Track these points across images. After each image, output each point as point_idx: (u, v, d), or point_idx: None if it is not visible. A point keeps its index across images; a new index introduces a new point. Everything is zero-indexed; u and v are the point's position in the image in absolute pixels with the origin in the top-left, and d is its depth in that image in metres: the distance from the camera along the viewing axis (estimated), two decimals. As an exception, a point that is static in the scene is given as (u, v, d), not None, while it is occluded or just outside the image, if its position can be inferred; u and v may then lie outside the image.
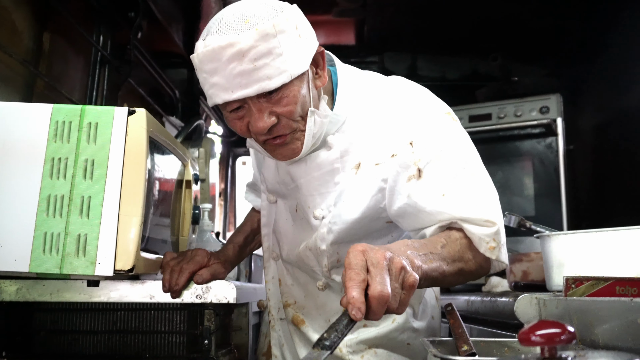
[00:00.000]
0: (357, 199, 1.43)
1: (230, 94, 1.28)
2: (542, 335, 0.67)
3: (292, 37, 1.29)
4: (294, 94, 1.31)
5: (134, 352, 1.54)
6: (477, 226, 1.32)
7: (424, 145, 1.37)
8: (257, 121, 1.31)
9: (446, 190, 1.34)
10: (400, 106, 1.42)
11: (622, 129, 2.82)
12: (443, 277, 1.24)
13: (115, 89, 2.63)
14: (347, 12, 2.99)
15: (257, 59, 1.25)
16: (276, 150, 1.40)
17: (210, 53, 1.28)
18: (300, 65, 1.31)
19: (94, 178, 1.37)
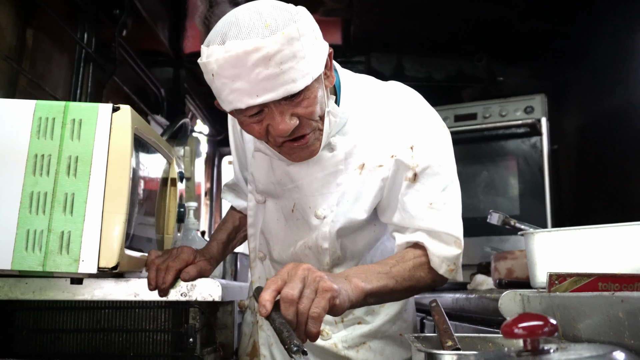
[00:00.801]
0: (362, 199, 1.50)
1: (255, 98, 1.27)
2: (524, 328, 0.68)
3: (311, 40, 1.31)
4: (314, 95, 1.34)
5: (118, 351, 1.53)
6: (444, 245, 1.44)
7: (423, 152, 1.46)
8: (279, 124, 1.31)
9: (434, 200, 1.45)
10: (402, 111, 1.50)
11: (605, 130, 2.85)
12: (391, 293, 1.36)
13: (99, 87, 2.61)
14: (334, 11, 2.99)
15: (282, 62, 1.25)
16: (294, 153, 1.42)
17: (233, 59, 1.26)
18: (319, 66, 1.33)
19: (77, 175, 1.36)
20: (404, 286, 1.38)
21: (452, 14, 2.99)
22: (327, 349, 1.60)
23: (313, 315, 1.10)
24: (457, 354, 0.90)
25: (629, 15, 2.63)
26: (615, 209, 2.70)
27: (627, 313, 0.77)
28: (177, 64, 3.56)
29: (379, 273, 1.33)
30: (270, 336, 1.67)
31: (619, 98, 2.71)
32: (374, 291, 1.28)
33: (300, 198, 1.55)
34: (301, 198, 1.55)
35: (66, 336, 1.53)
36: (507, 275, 1.76)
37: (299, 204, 1.56)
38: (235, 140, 1.76)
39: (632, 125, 2.56)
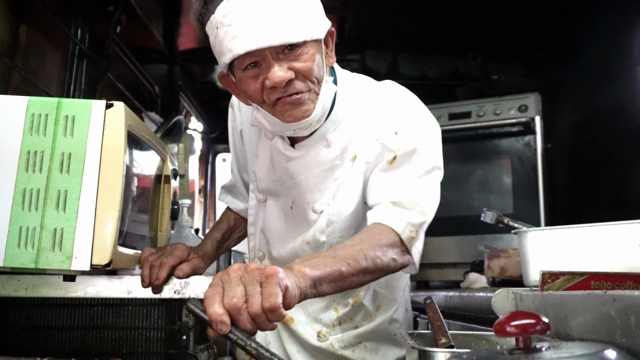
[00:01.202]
0: (352, 190, 1.52)
1: (254, 42, 1.30)
2: (517, 326, 0.68)
3: (314, 4, 1.40)
4: (312, 53, 1.37)
5: (110, 348, 1.52)
6: (408, 211, 1.41)
7: (407, 138, 1.47)
8: (276, 73, 1.33)
9: (405, 184, 1.45)
10: (391, 102, 1.53)
11: (598, 129, 2.86)
12: (347, 276, 1.26)
13: (93, 84, 2.60)
14: (328, 9, 2.93)
15: (284, 11, 1.31)
16: (287, 111, 1.41)
17: (237, 5, 1.32)
18: (319, 30, 1.39)
19: (70, 172, 1.36)
20: (358, 268, 1.29)
21: (446, 13, 2.99)
22: (324, 349, 1.62)
23: (269, 308, 0.99)
24: (450, 352, 0.90)
25: (622, 14, 2.64)
26: (608, 207, 2.71)
27: (619, 311, 0.77)
28: (172, 61, 3.55)
29: (325, 257, 1.25)
30: (267, 335, 1.68)
31: (612, 97, 2.72)
32: (322, 277, 1.19)
33: (298, 194, 1.58)
34: (299, 194, 1.57)
35: (59, 333, 1.52)
36: (500, 273, 1.77)
37: (298, 200, 1.59)
38: (235, 143, 1.79)
39: (625, 124, 2.57)
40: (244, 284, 1.01)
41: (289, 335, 1.67)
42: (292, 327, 1.66)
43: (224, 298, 0.98)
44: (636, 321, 0.74)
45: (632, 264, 1.33)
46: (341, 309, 1.64)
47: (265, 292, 1.00)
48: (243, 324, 0.99)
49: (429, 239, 1.55)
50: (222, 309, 0.97)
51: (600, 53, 2.84)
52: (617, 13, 2.69)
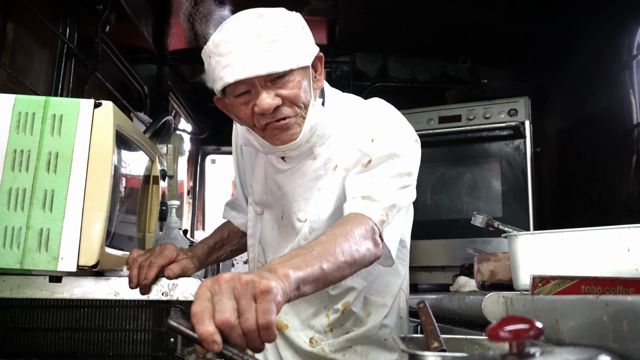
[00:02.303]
0: (330, 196, 1.57)
1: (242, 72, 1.39)
2: (510, 331, 0.67)
3: (300, 33, 1.47)
4: (298, 80, 1.46)
5: (97, 351, 1.50)
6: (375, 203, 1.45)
7: (382, 145, 1.52)
8: (264, 100, 1.42)
9: (376, 181, 1.49)
10: (370, 114, 1.59)
11: (586, 133, 2.87)
12: (324, 275, 1.22)
13: (81, 83, 2.57)
14: (319, 11, 2.99)
15: (270, 42, 1.39)
16: (276, 135, 1.49)
17: (227, 36, 1.41)
18: (305, 58, 1.46)
19: (57, 171, 1.34)
20: (338, 264, 1.26)
21: (436, 16, 3.00)
22: (316, 354, 1.64)
23: (264, 325, 0.94)
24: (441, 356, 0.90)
25: (611, 20, 2.66)
26: (596, 211, 2.72)
27: (611, 316, 0.77)
28: (161, 61, 3.53)
29: (305, 256, 1.20)
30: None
31: (600, 102, 2.74)
32: (305, 278, 1.14)
33: (286, 204, 1.64)
34: (287, 204, 1.63)
35: (44, 335, 1.50)
36: (490, 277, 1.77)
37: (285, 210, 1.64)
38: (237, 159, 1.86)
39: (614, 128, 2.58)
40: (236, 297, 0.95)
41: (284, 342, 1.69)
42: (286, 333, 1.67)
43: (214, 313, 0.92)
44: (629, 326, 0.73)
45: (621, 268, 1.33)
46: (332, 314, 1.65)
47: (260, 309, 0.95)
48: (234, 340, 0.93)
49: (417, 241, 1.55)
50: (212, 326, 0.91)
51: (589, 58, 2.85)
52: (606, 19, 2.70)
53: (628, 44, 2.54)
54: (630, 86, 2.51)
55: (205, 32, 3.21)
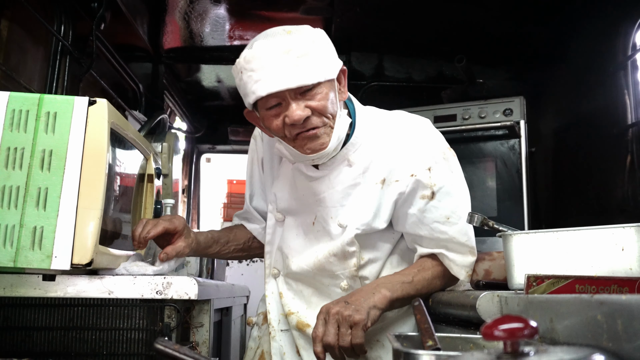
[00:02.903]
0: (382, 209, 1.68)
1: (274, 85, 1.49)
2: (505, 330, 0.67)
3: (326, 49, 1.58)
4: (325, 92, 1.55)
5: (90, 350, 1.50)
6: (460, 255, 1.69)
7: (440, 174, 1.68)
8: (294, 111, 1.52)
9: (450, 215, 1.68)
10: (417, 135, 1.71)
11: (581, 133, 2.88)
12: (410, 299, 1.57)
13: (76, 81, 2.56)
14: (314, 10, 2.98)
15: (299, 56, 1.49)
16: (306, 145, 1.59)
17: (258, 52, 1.51)
18: (331, 71, 1.57)
19: (51, 169, 1.33)
20: (422, 293, 1.66)
21: (432, 15, 3.00)
22: None
23: (355, 345, 1.45)
24: (435, 354, 0.90)
25: (606, 20, 2.66)
26: (591, 211, 2.73)
27: (606, 315, 0.77)
28: (156, 59, 3.52)
29: (403, 283, 1.61)
30: (282, 346, 1.76)
31: (595, 101, 2.74)
32: (398, 298, 1.58)
33: (322, 210, 1.72)
34: (323, 210, 1.71)
35: (37, 334, 1.50)
36: (485, 276, 1.76)
37: (321, 216, 1.72)
38: (253, 172, 1.95)
39: (608, 128, 2.59)
40: (338, 324, 1.46)
41: (305, 341, 1.74)
42: (307, 332, 1.71)
43: (323, 337, 1.46)
44: (623, 325, 0.73)
45: (615, 267, 1.33)
46: None
47: (354, 334, 1.45)
48: (334, 355, 1.46)
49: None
50: (320, 347, 1.46)
51: (584, 58, 2.86)
52: (601, 19, 2.71)
53: (623, 45, 2.55)
54: (625, 86, 2.52)
55: (200, 31, 3.21)
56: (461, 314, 1.50)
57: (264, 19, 3.11)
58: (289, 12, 3.03)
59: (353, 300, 1.52)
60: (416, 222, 1.69)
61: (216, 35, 3.27)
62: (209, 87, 4.09)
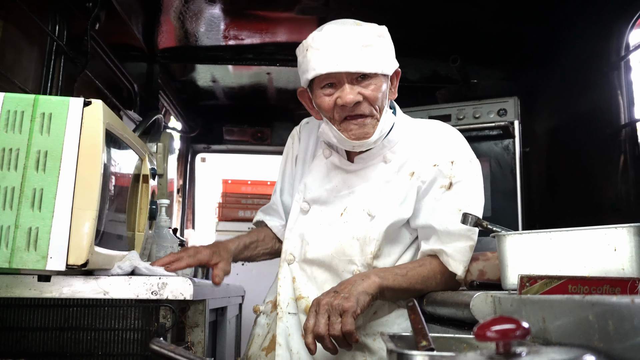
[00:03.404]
0: (409, 199, 1.76)
1: (335, 66, 1.60)
2: (497, 331, 0.68)
3: (388, 46, 1.71)
4: (379, 84, 1.67)
5: (86, 350, 1.50)
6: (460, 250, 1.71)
7: (461, 168, 1.76)
8: (348, 94, 1.62)
9: (463, 208, 1.71)
10: (447, 135, 1.83)
11: (575, 133, 2.89)
12: (405, 292, 1.66)
13: (71, 81, 2.56)
14: (310, 9, 2.98)
15: (363, 45, 1.61)
16: (352, 130, 1.69)
17: (327, 34, 1.63)
18: (389, 67, 1.69)
19: (46, 170, 1.34)
20: (416, 288, 1.68)
21: (427, 15, 3.00)
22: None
23: (346, 332, 1.45)
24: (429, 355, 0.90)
25: (599, 21, 2.68)
26: (584, 211, 2.74)
27: (598, 316, 0.78)
28: (151, 59, 3.52)
29: (396, 274, 1.64)
30: (288, 328, 1.78)
31: (589, 102, 2.76)
32: (389, 287, 1.60)
33: (353, 201, 1.79)
34: (355, 201, 1.79)
35: (33, 334, 1.50)
36: (479, 276, 1.77)
37: (351, 207, 1.79)
38: (285, 167, 2.03)
39: (602, 128, 2.60)
40: (328, 314, 1.47)
41: None
42: None
43: (314, 328, 1.47)
44: (614, 326, 0.74)
45: (608, 268, 1.34)
46: None
47: (344, 322, 1.45)
48: (326, 345, 1.48)
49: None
50: (311, 337, 1.48)
51: (578, 58, 2.87)
52: (595, 20, 2.72)
53: (616, 45, 2.56)
54: (618, 86, 2.53)
55: (195, 30, 3.20)
56: (455, 314, 1.51)
57: (259, 18, 3.11)
58: (284, 12, 3.03)
59: (342, 288, 1.55)
60: (430, 211, 1.74)
61: (211, 34, 3.27)
62: (204, 86, 4.09)
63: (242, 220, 4.70)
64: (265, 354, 1.80)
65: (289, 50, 3.56)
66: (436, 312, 1.67)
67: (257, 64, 3.65)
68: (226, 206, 4.77)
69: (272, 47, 3.48)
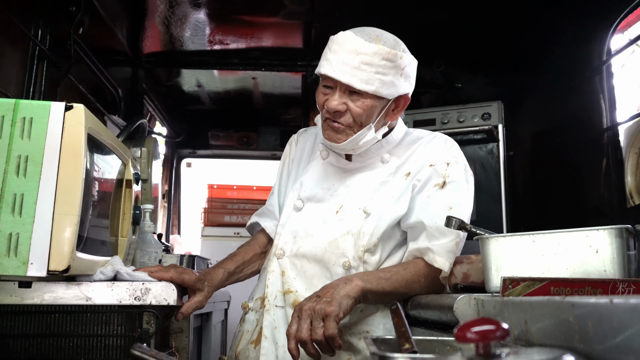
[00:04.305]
0: (404, 197, 1.81)
1: (332, 72, 1.69)
2: (477, 332, 0.68)
3: (395, 72, 1.72)
4: (368, 104, 1.72)
5: (68, 357, 1.49)
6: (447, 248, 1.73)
7: (456, 171, 1.82)
8: (333, 100, 1.72)
9: (454, 206, 1.76)
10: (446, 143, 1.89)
11: (558, 137, 2.91)
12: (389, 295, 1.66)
13: (54, 86, 2.54)
14: (295, 15, 2.99)
15: (364, 63, 1.67)
16: (327, 130, 1.79)
17: (342, 39, 1.71)
18: (385, 91, 1.71)
19: (27, 175, 1.32)
20: (400, 291, 1.70)
21: (411, 20, 3.01)
22: None
23: (328, 337, 1.45)
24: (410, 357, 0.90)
25: (582, 26, 2.70)
26: (568, 214, 2.76)
27: (577, 317, 0.78)
28: (136, 63, 3.50)
29: (380, 278, 1.66)
30: (275, 320, 1.77)
31: (572, 106, 2.78)
32: (372, 290, 1.61)
33: (350, 199, 1.84)
34: (351, 199, 1.83)
35: (14, 341, 1.48)
36: (463, 279, 1.78)
37: (348, 204, 1.83)
38: (282, 171, 2.08)
39: (584, 132, 2.63)
40: (311, 319, 1.48)
41: None
42: None
43: (296, 333, 1.47)
44: (594, 327, 0.74)
45: (590, 269, 1.35)
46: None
47: (326, 326, 1.46)
48: (309, 350, 1.47)
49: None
50: (293, 343, 1.48)
51: (561, 63, 2.90)
52: (578, 25, 2.75)
53: (598, 50, 2.59)
54: (601, 91, 2.55)
55: (181, 35, 3.20)
56: (439, 317, 1.51)
57: (245, 23, 3.11)
58: (270, 17, 3.04)
59: (324, 292, 1.55)
60: (422, 207, 1.78)
61: (196, 39, 3.26)
62: (189, 91, 4.08)
63: (227, 225, 4.68)
64: (253, 346, 1.79)
65: (274, 55, 3.58)
66: (420, 315, 1.67)
67: (242, 68, 3.65)
68: (212, 211, 4.76)
69: (258, 52, 3.48)
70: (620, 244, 1.35)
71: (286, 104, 4.27)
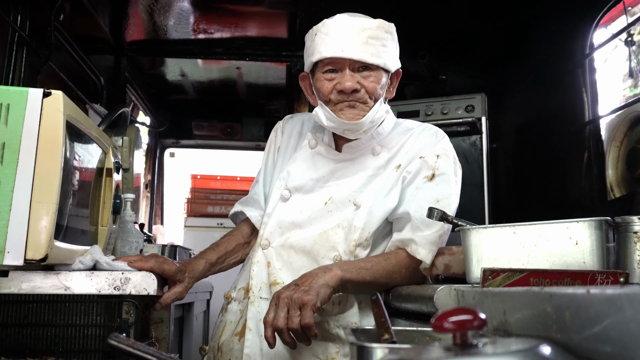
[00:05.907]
0: (395, 190, 1.80)
1: (340, 51, 1.67)
2: (454, 322, 0.68)
3: (394, 44, 1.79)
4: (379, 78, 1.74)
5: (46, 346, 1.47)
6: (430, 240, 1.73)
7: (445, 164, 1.82)
8: (347, 81, 1.69)
9: (441, 199, 1.77)
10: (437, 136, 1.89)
11: (540, 130, 2.93)
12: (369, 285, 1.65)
13: (34, 73, 2.50)
14: (279, 4, 2.97)
15: (370, 37, 1.68)
16: (346, 112, 1.75)
17: (337, 21, 1.71)
18: (392, 64, 1.76)
19: (4, 162, 1.30)
20: (380, 282, 1.69)
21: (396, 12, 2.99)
22: (319, 325, 1.67)
23: (304, 325, 1.44)
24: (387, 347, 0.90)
25: (566, 20, 2.72)
26: (550, 206, 2.78)
27: (555, 307, 0.79)
28: (118, 51, 3.46)
29: (360, 268, 1.65)
30: (259, 312, 1.75)
31: (554, 99, 2.80)
32: (351, 280, 1.60)
33: (340, 191, 1.82)
34: (341, 191, 1.82)
35: (-10, 331, 1.46)
36: (444, 270, 1.79)
37: (337, 196, 1.82)
38: (268, 159, 2.04)
39: (567, 125, 2.64)
40: (288, 307, 1.47)
41: None
42: None
43: (273, 322, 1.47)
44: (571, 317, 0.75)
45: (569, 261, 1.36)
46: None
47: (302, 315, 1.45)
48: (285, 338, 1.47)
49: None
50: (270, 331, 1.47)
51: (544, 56, 2.91)
52: (561, 19, 2.76)
53: (581, 44, 2.60)
54: (583, 84, 2.57)
55: (164, 24, 3.16)
56: (420, 307, 1.52)
57: (229, 12, 3.09)
58: (254, 6, 3.02)
59: (303, 281, 1.55)
60: (409, 199, 1.78)
61: (180, 28, 3.23)
62: (172, 80, 4.04)
63: (211, 215, 4.66)
64: (238, 338, 1.78)
65: (258, 45, 3.55)
66: (402, 306, 1.67)
67: (226, 58, 3.62)
68: (195, 202, 4.74)
69: (242, 42, 3.46)
70: (600, 236, 1.36)
71: (270, 94, 4.25)
